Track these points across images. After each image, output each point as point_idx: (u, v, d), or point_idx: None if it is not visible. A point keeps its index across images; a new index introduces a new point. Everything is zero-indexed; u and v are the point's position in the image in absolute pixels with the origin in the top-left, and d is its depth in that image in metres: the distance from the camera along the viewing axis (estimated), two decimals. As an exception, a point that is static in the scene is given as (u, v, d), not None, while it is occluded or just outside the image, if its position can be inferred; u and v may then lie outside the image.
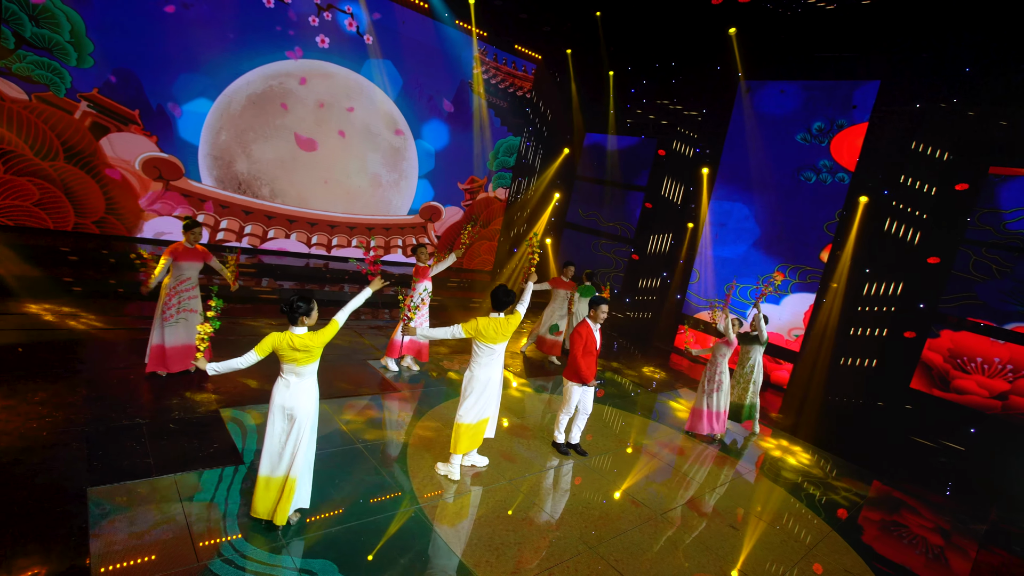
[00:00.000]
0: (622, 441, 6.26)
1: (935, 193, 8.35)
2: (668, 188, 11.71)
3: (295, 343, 3.45)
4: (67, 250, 7.80)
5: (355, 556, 3.47)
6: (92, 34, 7.98)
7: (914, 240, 8.50)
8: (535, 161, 13.81)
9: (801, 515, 5.36)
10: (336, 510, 3.90)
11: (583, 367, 5.22)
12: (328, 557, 3.41)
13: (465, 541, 3.85)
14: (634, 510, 4.77)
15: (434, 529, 3.92)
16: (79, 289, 7.23)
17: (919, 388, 8.47)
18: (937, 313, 8.34)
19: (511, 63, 12.81)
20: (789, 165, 9.85)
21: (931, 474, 7.32)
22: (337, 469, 4.42)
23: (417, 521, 3.98)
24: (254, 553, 3.32)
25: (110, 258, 8.09)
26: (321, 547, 3.49)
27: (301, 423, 3.52)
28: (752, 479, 6.00)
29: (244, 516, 3.62)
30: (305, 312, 3.52)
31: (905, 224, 8.57)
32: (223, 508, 3.66)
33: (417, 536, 3.81)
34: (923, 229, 8.45)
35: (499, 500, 4.46)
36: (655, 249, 11.90)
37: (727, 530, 4.77)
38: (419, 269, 6.88)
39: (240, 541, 3.39)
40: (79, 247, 7.99)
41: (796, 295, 9.76)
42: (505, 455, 5.26)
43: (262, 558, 3.30)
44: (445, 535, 3.88)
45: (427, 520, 4.00)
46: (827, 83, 9.40)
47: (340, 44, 10.34)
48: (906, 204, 8.56)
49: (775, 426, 8.01)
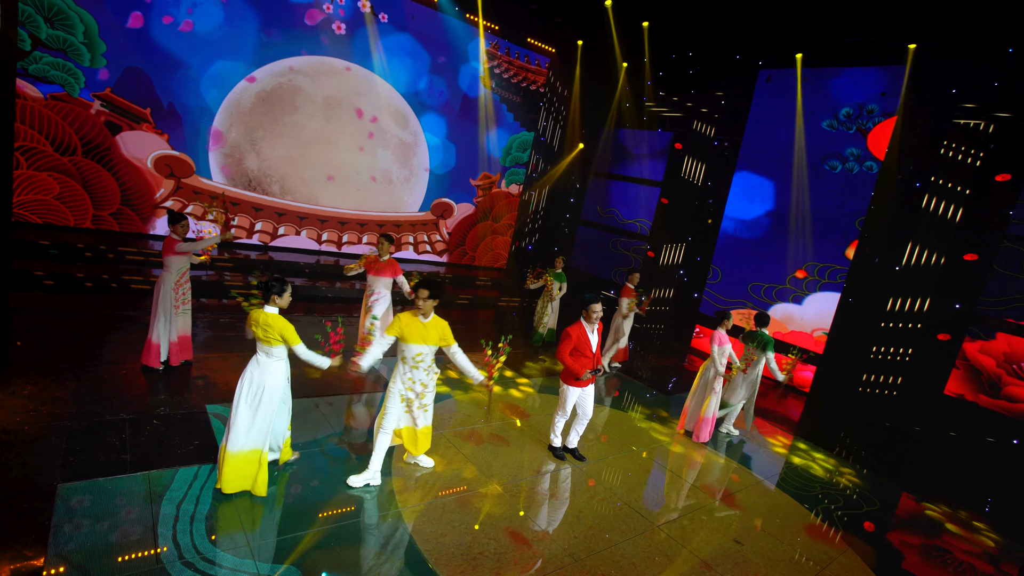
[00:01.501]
0: (625, 445, 5.97)
1: (972, 184, 7.77)
2: (685, 182, 11.29)
3: (259, 319, 3.75)
4: (82, 246, 7.92)
5: (322, 563, 3.32)
6: (104, 35, 8.09)
7: (949, 234, 7.94)
8: (549, 156, 13.53)
9: (816, 530, 4.99)
10: (310, 513, 3.76)
11: (575, 369, 4.96)
12: (294, 563, 3.26)
13: (442, 550, 3.66)
14: (630, 520, 4.50)
15: (411, 536, 3.74)
16: (90, 285, 7.34)
17: (960, 393, 7.90)
18: (976, 314, 7.76)
19: (524, 57, 12.57)
20: (813, 154, 9.34)
21: (967, 488, 6.80)
22: (317, 469, 4.29)
23: (394, 527, 3.81)
24: (217, 557, 3.20)
25: (108, 253, 8.14)
26: (287, 552, 3.34)
27: (267, 399, 3.78)
28: (763, 489, 5.64)
29: (214, 516, 3.51)
30: (277, 292, 3.77)
31: (940, 218, 8.01)
32: (193, 508, 3.55)
33: (392, 544, 3.64)
34: (959, 223, 7.88)
35: (485, 506, 4.25)
36: (671, 246, 11.50)
37: (731, 545, 4.45)
38: (374, 263, 6.49)
39: (204, 543, 3.27)
40: (93, 243, 8.11)
41: (821, 294, 9.26)
42: (497, 459, 5.05)
43: (225, 562, 3.17)
44: (422, 543, 3.69)
45: (405, 526, 3.83)
46: (854, 69, 8.87)
47: (350, 40, 10.28)
48: (940, 196, 7.99)
49: (795, 433, 7.59)
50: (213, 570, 3.09)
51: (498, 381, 7.06)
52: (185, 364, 5.63)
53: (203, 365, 5.77)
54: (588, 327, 5.01)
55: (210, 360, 5.95)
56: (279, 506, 3.78)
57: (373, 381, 6.40)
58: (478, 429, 5.59)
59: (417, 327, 4.14)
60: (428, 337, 4.17)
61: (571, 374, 4.99)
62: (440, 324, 4.28)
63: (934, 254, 8.03)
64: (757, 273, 10.04)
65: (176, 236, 5.32)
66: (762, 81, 10.05)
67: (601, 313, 5.02)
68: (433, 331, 4.21)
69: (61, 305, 6.65)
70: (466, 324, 9.78)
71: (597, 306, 4.96)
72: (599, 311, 4.97)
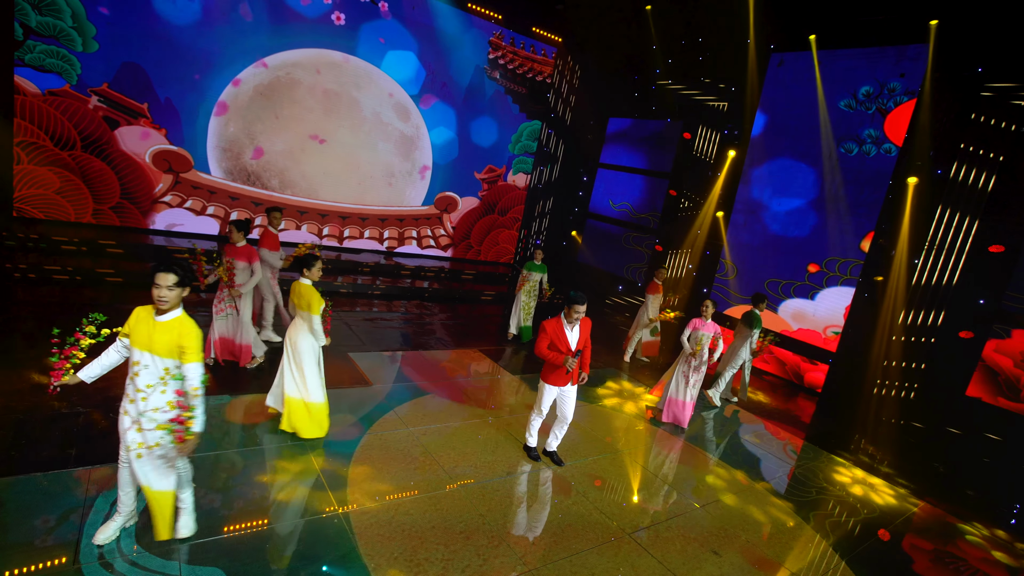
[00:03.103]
0: (610, 446, 5.67)
1: (998, 169, 7.17)
2: (694, 172, 10.84)
3: (296, 288, 4.52)
4: (78, 240, 8.01)
5: (251, 565, 3.15)
6: (93, 17, 8.13)
7: (972, 225, 7.35)
8: (556, 148, 13.21)
9: (806, 540, 4.62)
10: (250, 510, 3.60)
11: (554, 360, 4.68)
12: (219, 565, 3.11)
13: (385, 556, 3.46)
14: (600, 527, 4.22)
15: (354, 539, 3.55)
16: (79, 279, 7.40)
17: (979, 396, 7.34)
18: (1001, 310, 7.17)
19: (529, 47, 12.28)
20: (827, 143, 8.80)
21: (989, 498, 6.27)
22: (268, 465, 4.15)
23: (339, 529, 3.62)
24: (138, 557, 3.06)
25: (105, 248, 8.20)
26: (216, 553, 3.19)
27: (293, 355, 4.50)
28: (755, 493, 5.26)
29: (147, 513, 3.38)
30: (307, 265, 4.52)
31: (962, 206, 7.42)
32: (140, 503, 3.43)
33: (332, 546, 3.45)
34: (984, 212, 7.29)
35: (441, 509, 4.04)
36: (680, 239, 11.07)
37: (708, 556, 4.13)
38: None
39: (129, 543, 3.15)
40: (88, 239, 8.19)
41: (833, 289, 8.74)
42: (466, 457, 4.83)
43: (149, 563, 3.04)
44: (365, 547, 3.50)
45: (349, 528, 3.64)
46: (871, 50, 8.30)
47: (349, 32, 10.17)
48: (963, 182, 7.41)
49: (806, 434, 7.15)
50: (132, 572, 2.96)
51: (482, 376, 6.84)
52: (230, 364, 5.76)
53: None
54: (567, 324, 4.73)
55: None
56: (211, 505, 3.63)
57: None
58: (452, 425, 5.38)
59: (145, 326, 2.93)
60: (154, 343, 2.89)
61: (550, 369, 4.71)
62: (182, 328, 2.92)
63: (956, 245, 7.46)
64: (766, 267, 9.55)
65: (236, 243, 5.58)
66: (774, 66, 9.54)
67: (582, 315, 4.72)
68: (164, 335, 2.89)
69: (38, 297, 6.71)
70: (483, 319, 9.60)
71: (581, 307, 4.65)
72: (581, 312, 4.67)
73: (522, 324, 8.49)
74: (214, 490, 3.75)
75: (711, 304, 6.25)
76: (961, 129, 7.38)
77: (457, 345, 8.11)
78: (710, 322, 6.24)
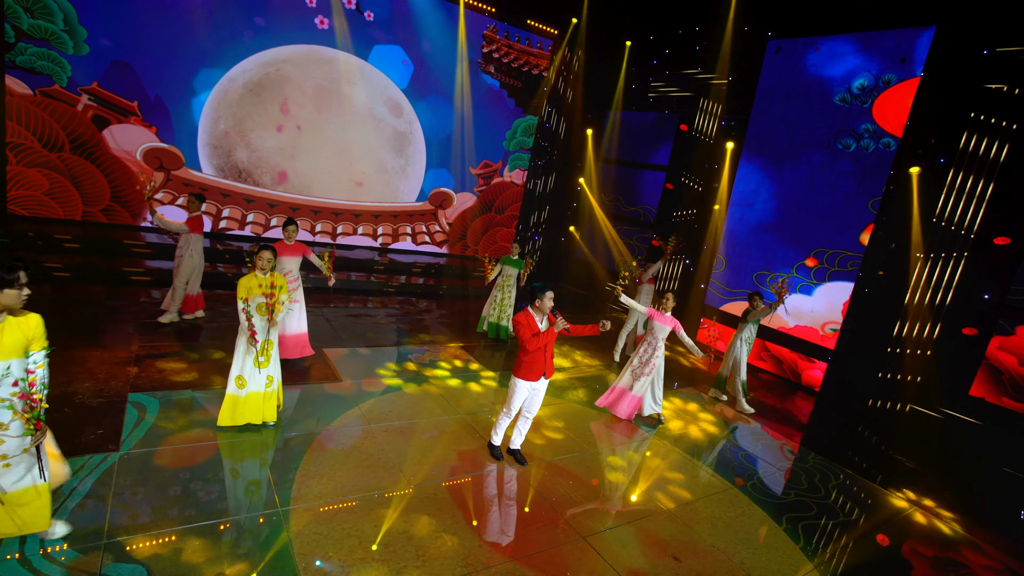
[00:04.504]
0: (580, 445, 5.51)
1: (1004, 158, 6.79)
2: (691, 166, 10.56)
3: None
4: (68, 237, 8.12)
5: (177, 563, 3.08)
6: (84, 21, 8.21)
7: (976, 216, 6.98)
8: (553, 143, 13.01)
9: (776, 546, 4.39)
10: (184, 505, 3.54)
11: (531, 360, 4.53)
12: (144, 563, 3.04)
13: (319, 555, 3.35)
14: (554, 529, 4.07)
15: (289, 537, 3.46)
16: (66, 274, 7.49)
17: (982, 396, 6.98)
18: (1006, 305, 6.80)
19: (525, 40, 12.11)
20: (825, 132, 8.47)
21: (990, 504, 5.94)
22: (211, 459, 4.08)
23: (276, 527, 3.53)
24: (65, 555, 3.01)
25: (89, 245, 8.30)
26: (143, 552, 3.13)
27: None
28: (728, 495, 5.04)
29: (81, 510, 3.34)
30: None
31: (966, 197, 7.06)
32: (58, 501, 3.39)
33: (264, 545, 3.37)
34: (990, 201, 6.91)
35: (388, 508, 3.92)
36: (677, 234, 10.79)
37: (666, 562, 3.94)
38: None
39: (55, 539, 3.10)
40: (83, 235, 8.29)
41: (832, 284, 8.41)
42: (424, 455, 4.71)
43: (68, 560, 2.98)
44: (300, 546, 3.40)
45: (286, 526, 3.55)
46: (871, 34, 7.95)
47: (338, 27, 10.13)
48: (967, 172, 7.04)
49: (803, 435, 6.88)
50: (49, 569, 2.91)
51: (455, 373, 6.73)
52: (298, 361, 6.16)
53: (161, 353, 5.72)
54: (537, 316, 4.59)
55: (171, 349, 5.89)
56: (137, 499, 3.56)
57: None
58: (417, 423, 5.27)
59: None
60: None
61: (525, 364, 4.55)
62: (24, 326, 2.81)
63: (960, 237, 7.10)
64: (764, 262, 9.24)
65: (287, 240, 6.01)
66: (771, 53, 9.22)
67: (552, 304, 4.57)
68: (7, 337, 2.76)
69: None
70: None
71: (548, 295, 4.52)
72: (549, 301, 4.53)
73: (496, 322, 8.30)
74: (144, 484, 3.69)
75: (671, 297, 5.99)
76: (964, 116, 7.01)
77: (435, 340, 8.00)
78: (668, 315, 6.01)
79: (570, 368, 7.82)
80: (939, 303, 7.26)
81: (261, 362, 4.56)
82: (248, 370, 4.51)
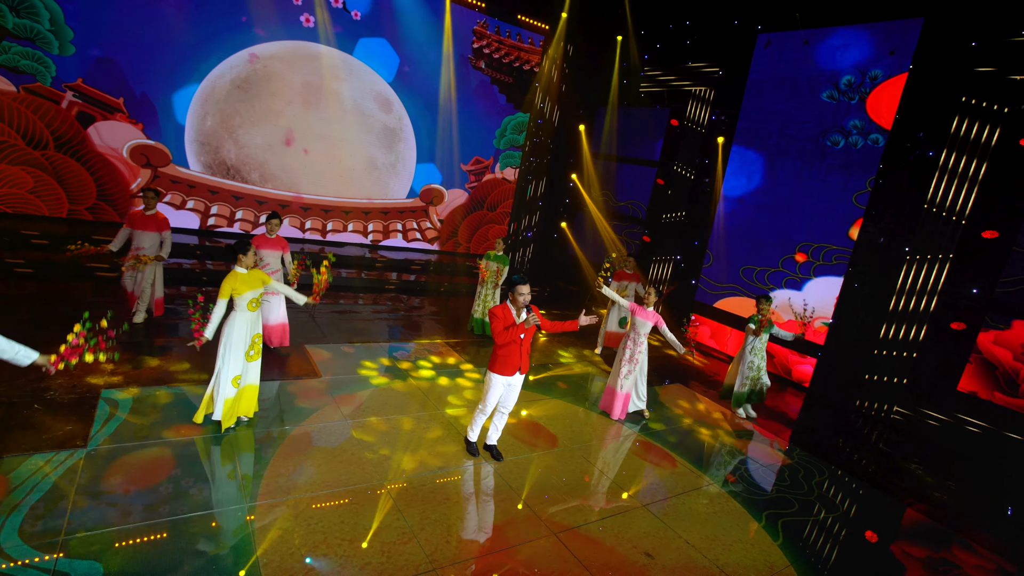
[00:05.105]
0: (559, 441, 5.46)
1: (992, 151, 6.72)
2: (682, 162, 10.49)
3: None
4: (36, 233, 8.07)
5: (134, 559, 3.04)
6: (71, 21, 8.18)
7: (965, 210, 6.91)
8: (545, 138, 12.94)
9: (753, 543, 4.34)
10: (146, 502, 3.50)
11: (505, 354, 4.48)
12: (100, 560, 3.00)
13: (281, 551, 3.31)
14: (525, 526, 4.02)
15: (252, 532, 3.42)
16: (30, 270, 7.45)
17: (973, 390, 6.91)
18: (993, 299, 6.73)
19: (516, 35, 12.04)
20: (814, 129, 8.40)
21: (979, 501, 5.88)
22: (178, 455, 4.05)
23: (240, 522, 3.49)
24: (20, 551, 2.97)
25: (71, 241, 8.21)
26: (100, 548, 3.09)
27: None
28: (706, 492, 4.99)
29: (40, 506, 3.31)
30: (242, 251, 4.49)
31: (954, 191, 6.99)
32: (21, 497, 3.36)
33: (226, 540, 3.32)
34: (978, 196, 6.84)
35: (357, 504, 3.88)
36: (668, 230, 10.74)
37: (639, 559, 3.90)
38: (137, 217, 6.35)
39: (11, 536, 3.06)
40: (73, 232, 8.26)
41: (821, 279, 8.34)
42: (399, 451, 4.67)
43: (18, 554, 2.94)
44: (263, 540, 3.36)
45: (251, 522, 3.51)
46: (858, 28, 7.88)
47: (326, 24, 10.07)
48: (955, 166, 6.97)
49: (792, 431, 6.82)
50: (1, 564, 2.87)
51: (439, 369, 6.69)
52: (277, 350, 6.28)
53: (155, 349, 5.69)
54: (514, 311, 4.53)
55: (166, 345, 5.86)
56: (104, 497, 3.53)
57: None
58: (394, 419, 5.23)
59: None
60: None
61: (501, 357, 4.50)
62: None
63: (948, 232, 7.03)
64: (751, 256, 9.18)
65: (268, 234, 6.10)
66: (760, 47, 9.14)
67: (529, 297, 4.51)
68: None
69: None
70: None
71: (524, 288, 4.47)
72: (526, 295, 4.47)
73: (481, 318, 8.23)
74: (108, 480, 3.66)
75: (653, 292, 5.93)
76: (952, 108, 6.93)
77: (422, 337, 7.96)
78: (650, 310, 5.95)
79: (554, 365, 7.77)
80: (927, 298, 7.19)
81: (252, 356, 4.56)
82: (243, 366, 4.50)
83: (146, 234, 6.36)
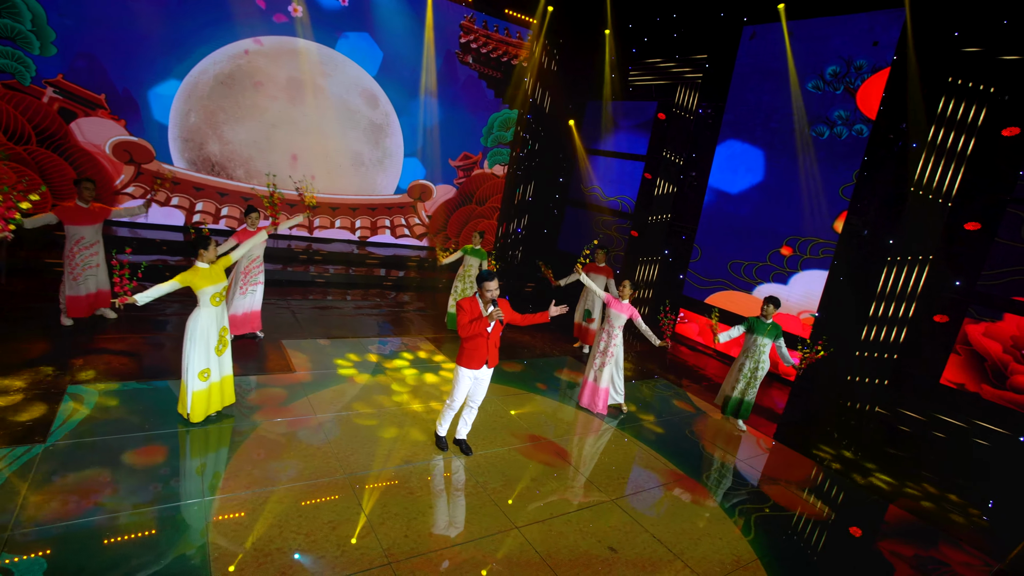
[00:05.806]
0: (528, 434, 5.42)
1: (975, 142, 6.64)
2: (668, 156, 10.42)
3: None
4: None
5: (80, 555, 3.01)
6: (53, 22, 8.15)
7: (948, 201, 6.84)
8: (534, 134, 12.87)
9: (720, 536, 4.30)
10: (110, 500, 3.47)
11: (472, 348, 4.44)
12: (46, 556, 2.97)
13: (234, 545, 3.28)
14: (489, 519, 3.99)
15: (206, 527, 3.39)
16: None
17: (961, 382, 6.84)
18: (977, 292, 6.67)
19: (503, 30, 11.97)
20: (799, 120, 8.32)
21: (965, 494, 5.83)
22: (99, 449, 4.02)
23: (195, 517, 3.46)
24: (-36, 545, 2.95)
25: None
26: (45, 543, 3.06)
27: None
28: (680, 486, 4.95)
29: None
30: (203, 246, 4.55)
31: (937, 182, 6.91)
32: (-29, 492, 3.33)
33: (177, 535, 3.30)
34: (960, 188, 6.77)
35: (316, 498, 3.85)
36: (656, 225, 10.67)
37: (601, 552, 3.86)
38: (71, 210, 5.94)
39: (-43, 530, 3.04)
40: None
41: (807, 272, 8.28)
42: (366, 446, 4.64)
43: (-30, 551, 2.92)
44: (217, 536, 3.33)
45: (206, 517, 3.48)
46: (842, 18, 7.79)
47: (310, 18, 10.02)
48: (939, 157, 6.89)
49: (777, 425, 6.77)
50: (-55, 559, 2.85)
51: (416, 364, 6.65)
52: (253, 336, 6.52)
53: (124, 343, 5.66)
54: (481, 304, 4.49)
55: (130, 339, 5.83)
56: (57, 493, 3.50)
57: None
58: (365, 413, 5.20)
59: None
60: None
61: (467, 351, 4.46)
62: None
63: (931, 223, 6.96)
64: (739, 251, 9.12)
65: (249, 227, 6.14)
66: (746, 39, 9.06)
67: (497, 292, 4.47)
68: None
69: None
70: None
71: (491, 284, 4.42)
72: (493, 290, 4.42)
73: (453, 312, 8.17)
74: (62, 476, 3.63)
75: (628, 285, 5.87)
76: (935, 99, 6.85)
77: (403, 332, 7.93)
78: (626, 303, 5.90)
79: (530, 358, 7.72)
80: (911, 291, 7.13)
81: (220, 349, 4.56)
82: (212, 361, 4.48)
83: (87, 228, 6.04)
